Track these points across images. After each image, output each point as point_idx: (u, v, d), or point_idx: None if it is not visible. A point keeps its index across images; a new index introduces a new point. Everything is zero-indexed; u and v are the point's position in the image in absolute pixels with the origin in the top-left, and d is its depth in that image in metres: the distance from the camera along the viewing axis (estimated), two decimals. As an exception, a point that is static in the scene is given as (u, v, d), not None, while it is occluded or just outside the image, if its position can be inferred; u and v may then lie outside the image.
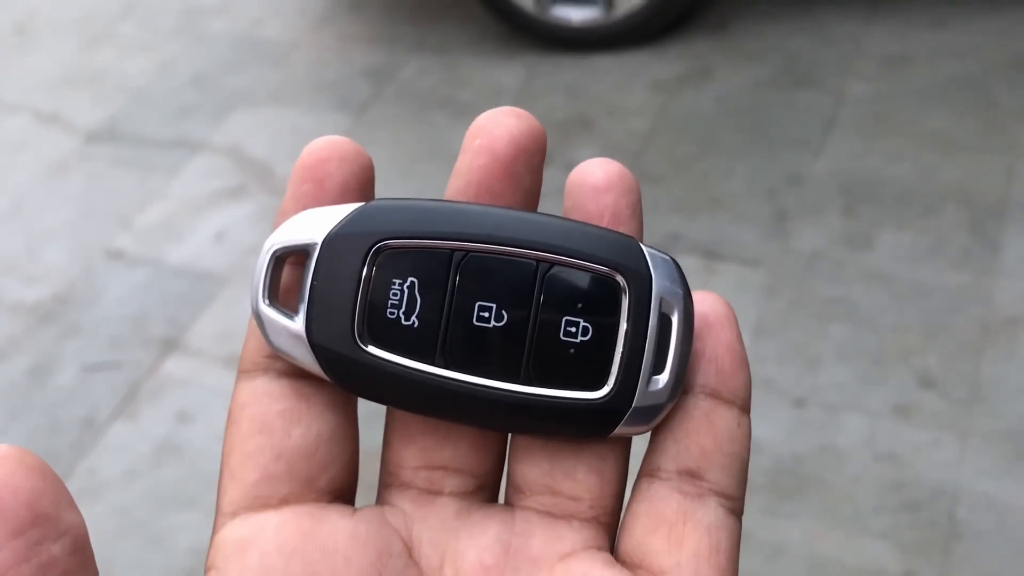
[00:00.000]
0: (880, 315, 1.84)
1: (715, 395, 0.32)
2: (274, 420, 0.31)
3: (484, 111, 0.33)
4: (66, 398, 1.93)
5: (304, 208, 0.32)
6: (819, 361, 1.79)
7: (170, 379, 1.93)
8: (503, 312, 0.31)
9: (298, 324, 0.31)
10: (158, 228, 2.27)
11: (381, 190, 0.34)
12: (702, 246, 2.02)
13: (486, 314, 0.31)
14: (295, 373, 0.32)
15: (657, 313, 0.31)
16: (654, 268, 0.31)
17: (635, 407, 0.31)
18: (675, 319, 0.31)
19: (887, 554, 1.52)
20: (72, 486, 1.73)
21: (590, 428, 0.31)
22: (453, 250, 0.31)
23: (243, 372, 0.33)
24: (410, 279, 0.31)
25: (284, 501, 0.31)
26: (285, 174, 2.35)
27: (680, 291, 0.31)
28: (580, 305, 0.31)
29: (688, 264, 1.99)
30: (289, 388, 0.32)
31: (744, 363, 0.32)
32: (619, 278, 0.31)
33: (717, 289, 1.93)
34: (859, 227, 2.01)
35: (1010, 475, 1.59)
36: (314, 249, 0.31)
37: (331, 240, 0.31)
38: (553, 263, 0.31)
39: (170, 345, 1.99)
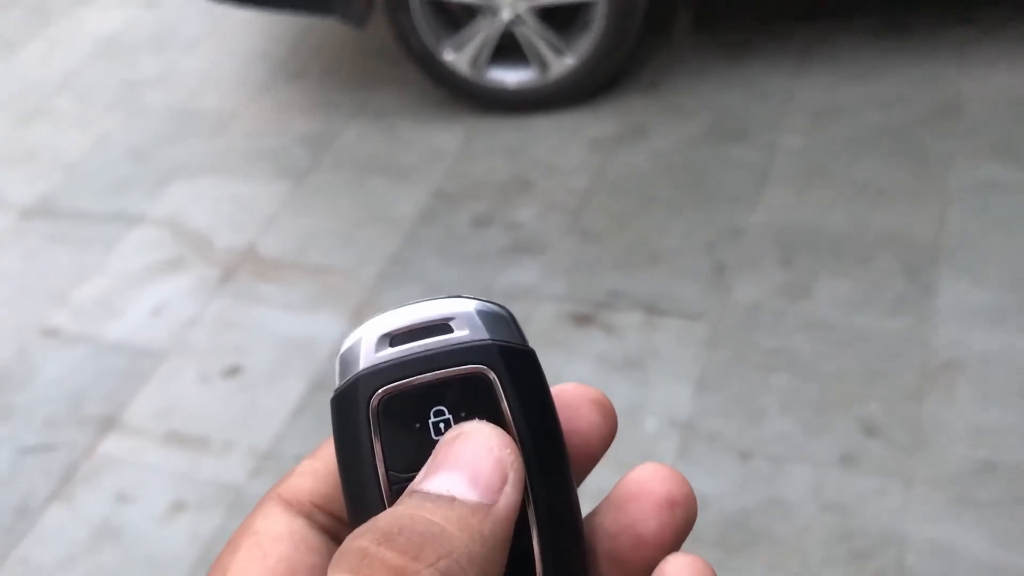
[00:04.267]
0: (821, 364, 1.86)
1: None
2: (301, 572, 0.32)
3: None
4: (-1, 484, 1.87)
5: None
6: (763, 413, 1.79)
7: (108, 459, 1.88)
8: None
9: None
10: (95, 304, 2.23)
11: (322, 257, 0.33)
12: (643, 302, 2.02)
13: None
14: (334, 530, 0.33)
15: None
16: None
17: None
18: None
19: (838, 606, 1.52)
20: (5, 576, 1.67)
21: None
22: None
23: (285, 502, 0.33)
24: None
25: None
26: (224, 244, 2.33)
27: None
28: None
29: (630, 320, 1.99)
30: (323, 546, 0.32)
31: None
32: None
33: (659, 344, 1.94)
34: (797, 277, 2.03)
35: (956, 519, 1.59)
36: None
37: None
38: None
39: (107, 424, 1.94)
